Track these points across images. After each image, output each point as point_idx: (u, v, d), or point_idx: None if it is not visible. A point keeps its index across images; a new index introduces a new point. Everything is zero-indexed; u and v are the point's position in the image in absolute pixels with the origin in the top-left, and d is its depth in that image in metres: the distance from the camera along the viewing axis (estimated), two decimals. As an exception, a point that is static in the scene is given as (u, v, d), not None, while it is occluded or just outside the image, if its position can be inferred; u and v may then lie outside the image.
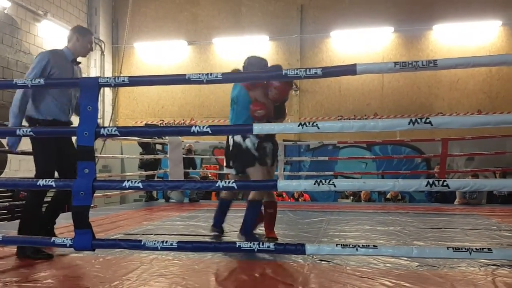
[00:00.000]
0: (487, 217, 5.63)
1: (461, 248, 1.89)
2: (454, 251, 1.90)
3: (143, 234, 4.12)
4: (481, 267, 2.84)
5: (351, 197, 9.79)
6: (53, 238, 2.33)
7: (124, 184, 2.20)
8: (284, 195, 9.43)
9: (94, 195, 2.24)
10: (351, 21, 10.96)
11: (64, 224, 4.66)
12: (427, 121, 1.85)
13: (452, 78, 10.59)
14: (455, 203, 7.61)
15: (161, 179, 8.26)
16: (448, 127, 1.85)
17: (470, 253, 1.86)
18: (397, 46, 11.00)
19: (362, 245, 1.98)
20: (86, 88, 2.24)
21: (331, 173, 9.63)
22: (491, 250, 1.89)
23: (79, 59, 3.57)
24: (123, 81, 2.24)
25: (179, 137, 7.56)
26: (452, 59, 1.97)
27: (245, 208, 3.65)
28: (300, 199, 9.41)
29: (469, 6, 10.34)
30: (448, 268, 2.84)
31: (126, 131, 2.37)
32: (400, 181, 1.94)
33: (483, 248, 1.89)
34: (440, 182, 1.83)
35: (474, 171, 8.38)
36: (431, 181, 1.85)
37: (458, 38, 10.60)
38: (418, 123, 1.87)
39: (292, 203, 8.69)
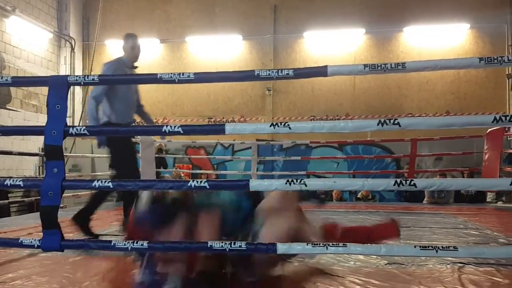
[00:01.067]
0: (454, 216, 5.79)
1: (428, 247, 1.94)
2: (421, 249, 1.95)
3: (114, 235, 4.06)
4: (448, 264, 2.93)
5: (323, 196, 9.90)
6: (20, 239, 2.27)
7: (94, 184, 2.16)
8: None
9: (64, 195, 2.20)
10: (324, 22, 11.08)
11: (33, 224, 4.56)
12: (395, 122, 1.89)
13: (421, 80, 10.85)
14: (424, 202, 7.80)
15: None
16: (416, 128, 1.90)
17: (437, 251, 1.91)
18: (369, 47, 11.18)
19: (332, 244, 2.01)
20: (55, 87, 2.19)
21: (304, 172, 9.70)
22: (457, 248, 1.94)
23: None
24: (93, 79, 2.21)
25: (151, 136, 7.47)
26: (420, 62, 2.01)
27: None
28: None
29: (439, 9, 10.60)
30: (416, 266, 2.91)
31: (95, 131, 2.33)
32: (369, 180, 1.98)
33: (449, 247, 1.94)
34: (408, 182, 1.88)
35: (442, 171, 8.61)
36: (398, 180, 1.89)
37: (428, 40, 10.86)
38: (386, 124, 1.91)
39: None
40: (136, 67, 4.01)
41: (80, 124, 9.89)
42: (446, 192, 7.61)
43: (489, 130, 7.05)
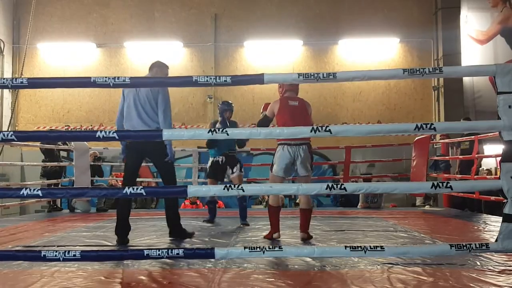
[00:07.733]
0: (385, 219, 6.08)
1: (358, 247, 2.05)
2: (351, 250, 2.05)
3: (44, 246, 3.87)
4: (378, 265, 3.08)
5: (264, 202, 10.00)
6: None
7: (22, 192, 2.06)
8: (198, 203, 9.37)
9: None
10: (263, 32, 11.28)
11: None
12: (327, 129, 1.99)
13: (355, 90, 11.34)
14: (358, 207, 8.11)
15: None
16: (345, 135, 2.01)
17: (365, 252, 2.02)
18: (307, 58, 11.53)
19: (269, 248, 2.06)
20: (-21, 89, 2.09)
21: (245, 179, 9.76)
22: (384, 248, 2.06)
23: None
24: (22, 82, 2.12)
25: (86, 143, 7.22)
26: (349, 72, 2.14)
27: None
28: (213, 206, 9.38)
29: (371, 23, 11.16)
30: (349, 267, 3.03)
31: (24, 136, 2.23)
32: (304, 185, 2.05)
33: (376, 247, 2.06)
34: (339, 186, 1.97)
35: (374, 176, 9.02)
36: (330, 184, 1.99)
37: (362, 53, 11.38)
38: (319, 131, 2.00)
39: (206, 210, 8.67)
40: None
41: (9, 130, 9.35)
42: (379, 197, 7.96)
43: (416, 138, 7.50)
